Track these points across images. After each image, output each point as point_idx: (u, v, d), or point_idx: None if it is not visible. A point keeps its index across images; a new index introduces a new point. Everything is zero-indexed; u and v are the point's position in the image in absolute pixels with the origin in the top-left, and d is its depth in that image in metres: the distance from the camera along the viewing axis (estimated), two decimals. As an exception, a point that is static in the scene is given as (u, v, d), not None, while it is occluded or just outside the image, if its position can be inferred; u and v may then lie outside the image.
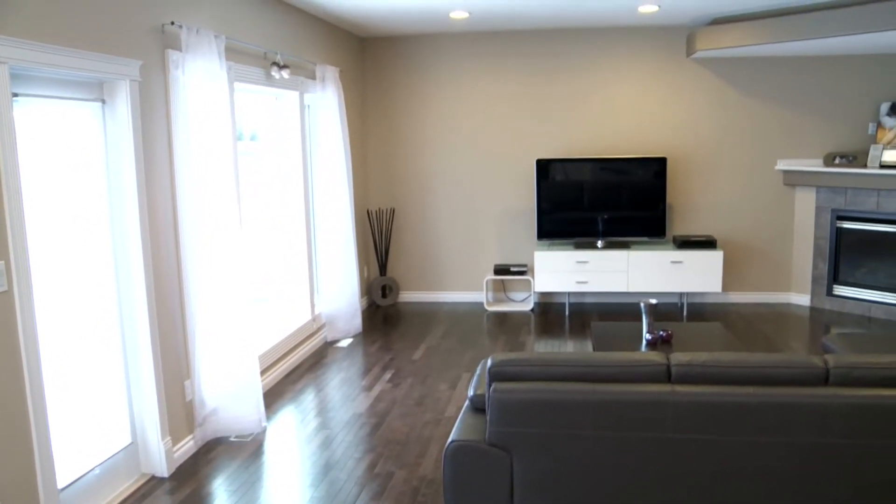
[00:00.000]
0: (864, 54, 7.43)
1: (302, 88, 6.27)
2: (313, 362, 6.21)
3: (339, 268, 6.80)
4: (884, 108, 7.38)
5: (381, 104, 8.04)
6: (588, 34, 7.70)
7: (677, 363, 2.98)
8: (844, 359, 2.97)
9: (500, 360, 3.05)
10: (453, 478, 3.05)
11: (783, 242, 7.88)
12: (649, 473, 2.94)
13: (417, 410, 5.10)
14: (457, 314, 7.72)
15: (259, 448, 4.52)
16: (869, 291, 7.39)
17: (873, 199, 7.20)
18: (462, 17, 6.85)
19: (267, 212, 6.24)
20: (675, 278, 7.43)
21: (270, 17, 5.67)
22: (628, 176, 7.57)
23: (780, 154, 7.75)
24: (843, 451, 2.85)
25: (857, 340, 4.80)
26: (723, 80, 7.67)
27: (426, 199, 8.14)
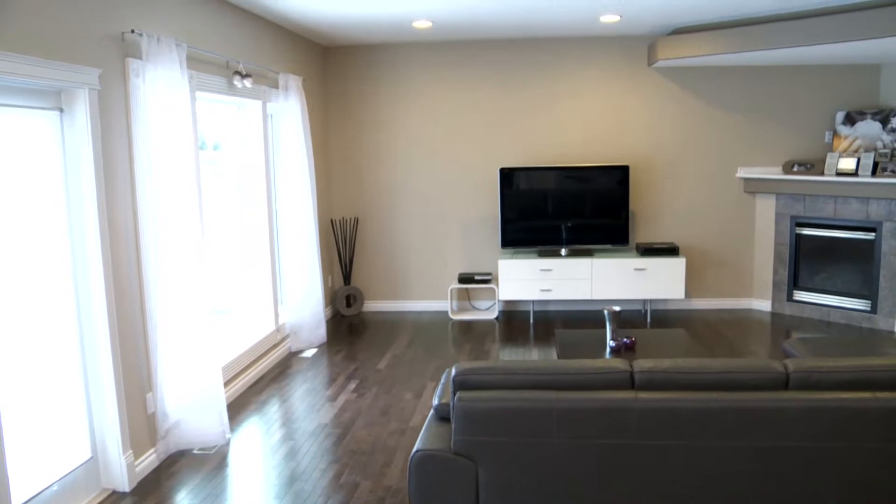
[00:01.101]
0: (820, 64, 7.57)
1: (265, 97, 6.24)
2: (277, 373, 6.16)
3: (303, 277, 6.77)
4: (839, 117, 7.52)
5: (345, 113, 8.03)
6: (551, 44, 7.76)
7: (640, 370, 3.01)
8: (804, 363, 3.01)
9: (465, 368, 3.05)
10: (419, 487, 3.04)
11: (744, 249, 7.99)
12: (614, 480, 2.96)
13: (382, 420, 5.08)
14: (421, 323, 7.71)
15: (223, 460, 4.47)
16: (827, 296, 7.51)
17: (830, 206, 7.33)
18: (425, 27, 6.87)
19: (230, 221, 6.19)
20: (638, 285, 7.49)
21: (233, 25, 5.63)
22: (591, 184, 7.62)
23: (740, 162, 7.85)
24: (804, 454, 2.89)
25: (816, 344, 4.87)
26: (684, 89, 7.76)
27: (390, 208, 8.13)
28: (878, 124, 7.27)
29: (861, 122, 7.38)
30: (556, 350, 5.04)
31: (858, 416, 2.87)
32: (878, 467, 2.89)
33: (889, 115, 7.20)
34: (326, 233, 8.01)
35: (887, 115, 7.22)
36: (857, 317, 7.30)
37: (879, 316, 7.13)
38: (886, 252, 7.03)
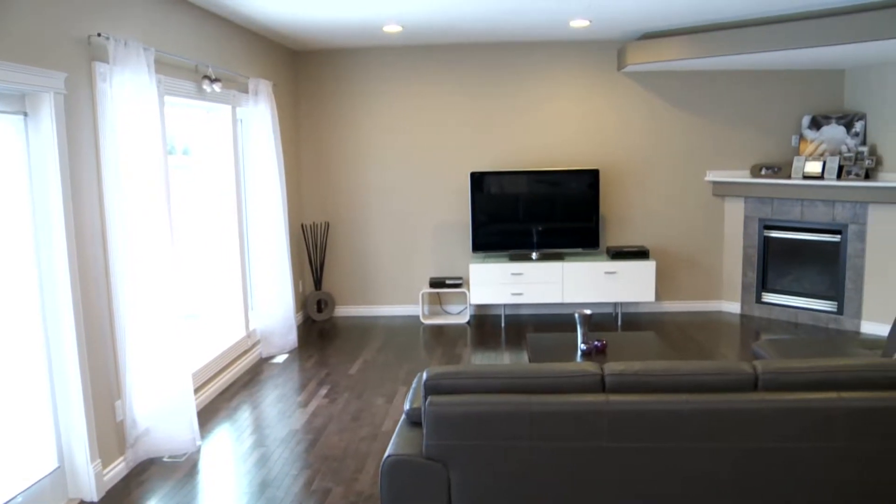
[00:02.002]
0: (787, 69, 7.67)
1: (234, 102, 6.20)
2: (248, 379, 6.12)
3: (274, 283, 6.73)
4: (805, 122, 7.62)
5: (315, 118, 8.00)
6: (521, 48, 7.79)
7: (611, 373, 3.02)
8: (772, 364, 3.05)
9: (436, 373, 3.05)
10: (391, 492, 3.03)
11: (713, 252, 8.06)
12: (586, 482, 2.97)
13: (354, 425, 5.07)
14: (393, 328, 7.70)
15: (193, 468, 4.43)
16: (795, 298, 7.61)
17: (797, 209, 7.42)
18: (395, 31, 6.87)
19: (200, 226, 6.15)
20: (609, 289, 7.53)
21: (202, 29, 5.60)
22: (562, 188, 7.66)
23: (709, 165, 7.93)
24: (773, 454, 2.92)
25: (784, 346, 4.92)
26: (653, 94, 7.83)
27: (361, 213, 8.11)
28: (843, 128, 7.37)
29: (826, 126, 7.48)
30: (528, 354, 5.05)
31: (825, 416, 2.90)
32: (844, 466, 2.93)
33: (853, 120, 7.31)
34: (297, 238, 7.97)
35: (851, 120, 7.32)
36: (824, 318, 7.39)
37: (845, 317, 7.23)
38: (851, 254, 7.13)
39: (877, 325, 7.04)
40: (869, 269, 7.05)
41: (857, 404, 2.90)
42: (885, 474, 2.94)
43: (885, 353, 4.52)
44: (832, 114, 7.49)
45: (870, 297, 7.07)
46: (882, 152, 7.04)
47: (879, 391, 2.96)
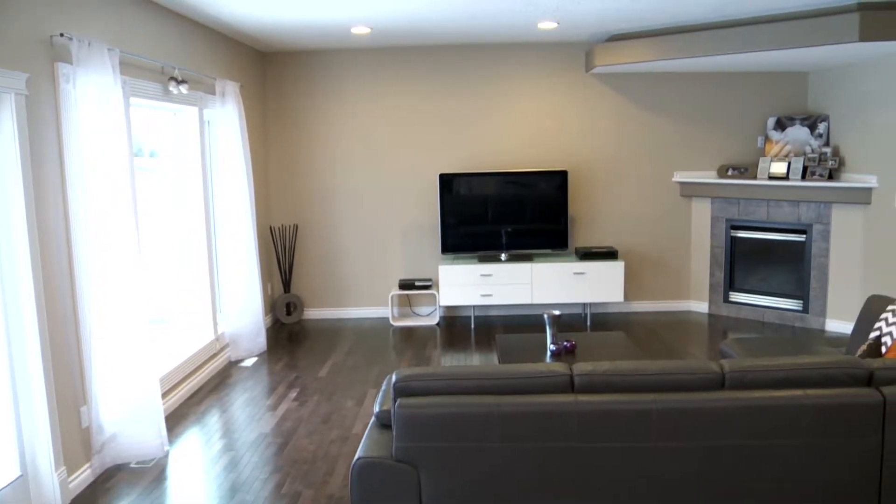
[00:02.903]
0: (752, 71, 7.76)
1: (201, 104, 6.15)
2: (217, 383, 6.07)
3: (242, 286, 6.68)
4: (770, 123, 7.71)
5: (283, 120, 7.96)
6: (490, 50, 7.81)
7: (580, 373, 3.03)
8: (739, 363, 3.08)
9: (405, 375, 3.04)
10: (361, 495, 3.02)
11: (681, 252, 8.13)
12: (556, 482, 2.98)
13: (324, 428, 5.05)
14: (362, 330, 7.68)
15: (161, 473, 4.39)
16: (762, 297, 7.70)
17: (763, 209, 7.51)
18: (364, 33, 6.85)
19: (167, 229, 6.09)
20: (578, 289, 7.56)
21: (168, 30, 5.55)
22: (531, 189, 7.68)
23: (676, 166, 8.00)
24: (742, 452, 2.95)
25: (751, 345, 4.97)
26: (621, 95, 7.88)
27: (330, 215, 8.08)
28: (807, 129, 7.47)
29: (791, 127, 7.58)
30: (497, 355, 5.06)
31: (791, 414, 2.94)
32: (810, 462, 2.96)
33: (816, 121, 7.42)
34: (265, 240, 7.93)
35: (815, 121, 7.43)
36: (790, 316, 7.48)
37: (811, 315, 7.33)
38: (816, 254, 7.23)
39: (841, 324, 7.14)
40: (833, 269, 7.15)
41: (822, 401, 2.94)
42: (850, 470, 2.98)
43: (848, 350, 4.59)
44: (796, 115, 7.59)
45: (834, 296, 7.18)
46: (845, 153, 7.14)
47: (843, 388, 3.00)
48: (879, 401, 2.94)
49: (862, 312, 4.55)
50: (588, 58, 7.63)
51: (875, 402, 2.94)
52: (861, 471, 2.98)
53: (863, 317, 4.52)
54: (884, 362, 3.09)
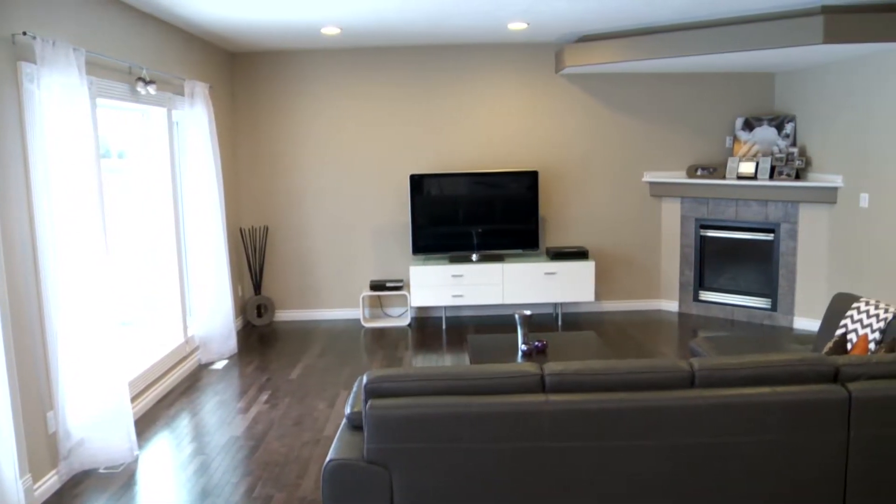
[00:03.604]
0: (720, 72, 7.83)
1: (170, 105, 6.10)
2: (187, 386, 6.02)
3: (212, 288, 6.64)
4: (738, 123, 7.79)
5: (254, 120, 7.91)
6: (460, 50, 7.81)
7: (550, 373, 3.04)
8: (708, 361, 3.10)
9: (376, 376, 3.04)
10: (333, 497, 3.01)
11: (651, 251, 8.19)
12: (528, 482, 2.98)
13: (295, 431, 5.02)
14: (334, 331, 7.65)
15: (131, 478, 4.34)
16: (731, 296, 7.77)
17: (732, 209, 7.58)
18: (334, 33, 6.83)
19: (136, 231, 6.03)
20: (549, 289, 7.59)
21: (135, 30, 5.49)
22: (501, 190, 7.70)
23: (646, 166, 8.05)
24: (711, 449, 2.98)
25: (721, 343, 5.02)
26: (591, 96, 7.92)
27: (300, 217, 8.05)
28: (774, 130, 7.56)
29: (758, 127, 7.66)
30: (469, 355, 5.07)
31: (759, 411, 2.97)
32: (778, 458, 3.00)
33: (783, 122, 7.50)
34: (236, 242, 7.87)
35: (782, 122, 7.51)
36: (759, 315, 7.56)
37: (779, 313, 7.41)
38: (784, 252, 7.31)
39: (809, 321, 7.22)
40: (800, 267, 7.24)
41: (790, 398, 2.97)
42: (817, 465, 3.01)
43: (815, 347, 4.64)
44: (764, 116, 7.68)
45: (801, 294, 7.26)
46: (811, 153, 7.23)
47: (810, 385, 3.03)
48: (845, 397, 2.98)
49: (828, 310, 4.60)
50: (558, 58, 7.66)
51: (841, 398, 2.98)
52: (827, 466, 3.02)
53: (829, 315, 4.58)
54: (849, 359, 3.13)
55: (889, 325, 4.02)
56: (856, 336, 4.18)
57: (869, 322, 4.14)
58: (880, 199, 6.17)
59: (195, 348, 6.60)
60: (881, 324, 4.06)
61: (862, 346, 4.01)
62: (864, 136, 6.36)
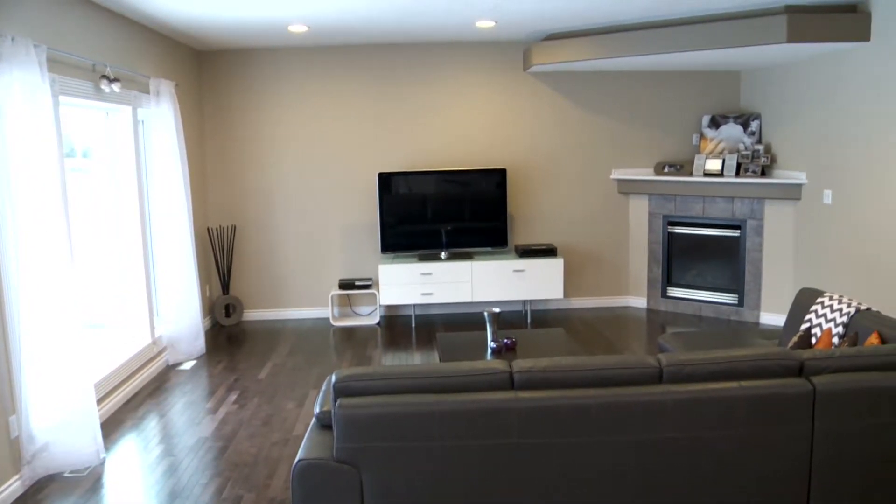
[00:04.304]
0: (687, 70, 7.90)
1: (135, 103, 6.03)
2: (155, 387, 5.96)
3: (180, 288, 6.58)
4: (705, 121, 7.86)
5: (221, 119, 7.85)
6: (429, 48, 7.81)
7: (519, 370, 3.05)
8: (676, 357, 3.13)
9: (345, 375, 3.03)
10: (302, 497, 3.00)
11: (620, 248, 8.24)
12: (498, 479, 2.99)
13: (265, 431, 4.99)
14: (303, 331, 7.62)
15: (97, 482, 4.29)
16: (699, 292, 7.84)
17: (699, 206, 7.65)
18: (301, 31, 6.79)
19: (102, 231, 5.96)
20: (518, 287, 7.61)
21: (99, 27, 5.42)
22: (470, 188, 7.71)
23: (614, 164, 8.10)
24: (679, 444, 3.00)
25: (689, 338, 5.07)
26: (559, 94, 7.95)
27: (268, 216, 8.00)
28: (740, 127, 7.64)
29: (725, 125, 7.74)
30: (438, 353, 5.07)
31: (726, 405, 3.00)
32: (745, 451, 3.03)
33: (749, 119, 7.58)
34: (203, 241, 7.81)
35: (747, 119, 7.59)
36: (726, 310, 7.64)
37: (745, 309, 7.50)
38: (750, 248, 7.39)
39: (774, 316, 7.31)
40: (766, 263, 7.32)
41: (756, 392, 3.01)
42: (782, 457, 3.05)
43: (780, 342, 4.70)
44: (730, 113, 7.76)
45: (767, 290, 7.35)
46: (776, 150, 7.32)
47: (776, 379, 3.07)
48: (809, 390, 3.02)
49: (793, 305, 4.66)
50: (526, 56, 7.69)
51: (805, 391, 3.02)
52: (793, 458, 3.06)
53: (794, 309, 4.64)
54: (813, 353, 3.17)
55: (852, 319, 4.08)
56: (820, 330, 4.24)
57: (833, 316, 4.20)
58: (843, 196, 6.26)
59: (163, 349, 6.54)
60: (844, 318, 4.12)
61: (826, 340, 4.06)
62: (827, 134, 6.45)
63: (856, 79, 6.02)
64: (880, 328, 3.80)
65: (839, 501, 3.12)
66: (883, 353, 3.16)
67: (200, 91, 7.80)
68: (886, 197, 5.68)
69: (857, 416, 3.05)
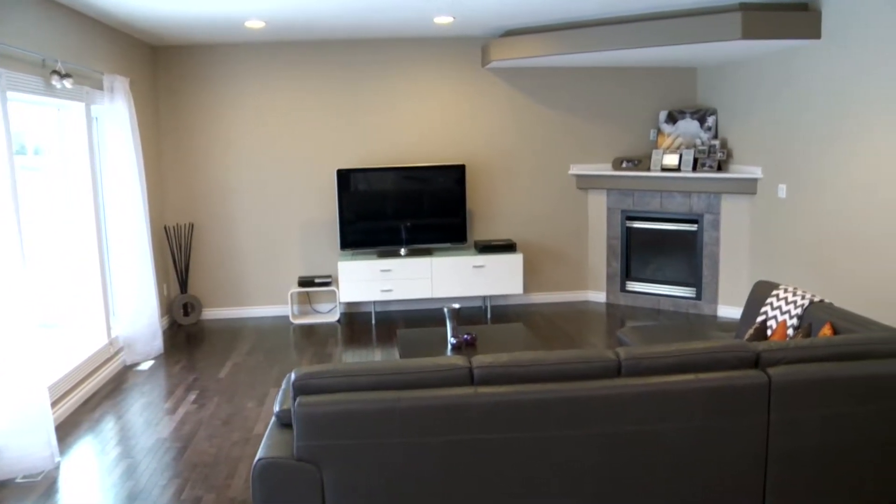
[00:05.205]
0: (644, 66, 7.96)
1: (88, 99, 5.93)
2: (112, 388, 5.88)
3: (136, 287, 6.48)
4: (662, 116, 7.94)
5: (177, 116, 7.75)
6: (387, 45, 7.78)
7: (479, 365, 3.06)
8: (634, 351, 3.15)
9: (304, 373, 3.01)
10: (263, 496, 2.97)
11: (579, 243, 8.29)
12: (459, 475, 2.99)
13: (225, 430, 4.94)
14: (262, 329, 7.56)
15: (52, 486, 4.21)
16: (657, 286, 7.92)
17: (657, 200, 7.72)
18: (258, 27, 6.73)
19: (55, 230, 5.85)
20: (477, 282, 7.62)
21: (49, 21, 5.31)
22: (429, 184, 7.70)
23: (572, 159, 8.14)
24: (638, 436, 3.03)
25: (647, 332, 5.11)
26: (517, 90, 7.97)
27: (226, 213, 7.92)
28: (697, 123, 7.72)
29: (682, 120, 7.82)
30: (398, 350, 5.06)
31: (683, 397, 3.03)
32: (703, 442, 3.06)
33: (705, 115, 7.67)
34: (160, 240, 7.70)
35: (704, 115, 7.68)
36: (685, 304, 7.73)
37: (703, 302, 7.59)
38: (707, 242, 7.48)
39: (732, 309, 7.41)
40: (723, 257, 7.42)
41: (713, 384, 3.04)
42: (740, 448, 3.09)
43: (737, 334, 4.76)
44: (686, 109, 7.84)
45: (725, 283, 7.45)
46: (732, 145, 7.41)
47: (732, 370, 3.11)
48: (765, 381, 3.07)
49: (749, 298, 4.73)
50: (484, 52, 7.70)
51: (761, 382, 3.06)
52: (750, 448, 3.10)
53: (750, 302, 4.70)
54: (769, 345, 3.22)
55: (806, 310, 4.15)
56: (775, 322, 4.30)
57: (787, 308, 4.27)
58: (797, 190, 6.36)
59: (119, 349, 6.45)
60: (798, 310, 4.19)
61: (781, 331, 4.13)
62: (780, 129, 6.55)
63: (807, 75, 6.12)
64: (833, 319, 3.87)
65: (794, 490, 3.17)
66: (835, 344, 3.22)
67: (156, 87, 7.69)
68: (838, 191, 5.79)
69: (810, 406, 3.10)
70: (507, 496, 3.03)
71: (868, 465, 3.19)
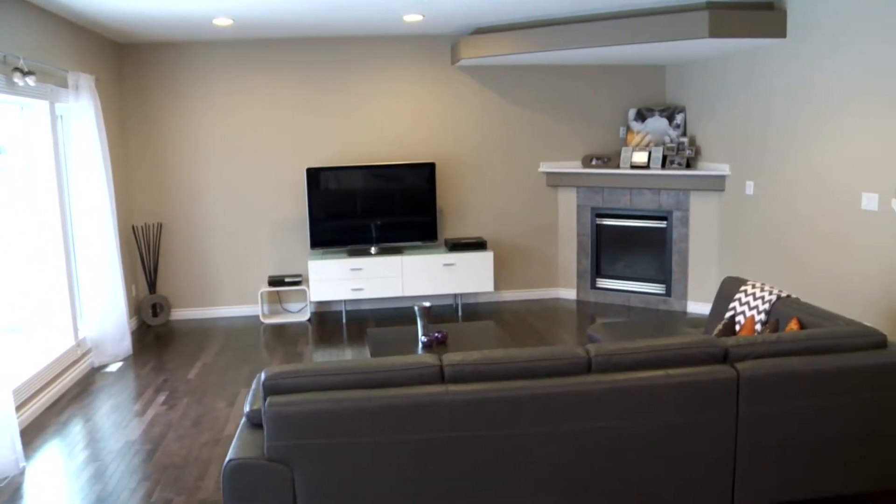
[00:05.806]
0: (613, 64, 8.01)
1: (52, 97, 5.85)
2: (79, 391, 5.80)
3: (104, 288, 6.41)
4: (631, 114, 7.99)
5: (144, 114, 7.66)
6: (357, 43, 7.75)
7: (449, 363, 3.06)
8: (604, 347, 3.17)
9: (274, 373, 2.99)
10: (234, 497, 2.95)
11: (549, 240, 8.32)
12: (431, 473, 2.99)
13: (195, 432, 4.90)
14: (233, 329, 7.51)
15: (16, 492, 4.15)
16: (627, 282, 7.97)
17: (626, 197, 7.77)
18: (226, 24, 6.67)
19: (20, 231, 5.76)
20: (448, 280, 7.62)
21: (12, 18, 5.23)
22: (399, 182, 7.69)
23: (542, 157, 8.17)
24: (608, 432, 3.05)
25: (618, 329, 5.14)
26: (487, 88, 7.98)
27: (195, 212, 7.85)
28: (665, 120, 7.78)
29: (650, 118, 7.87)
30: (369, 348, 5.05)
31: (653, 393, 3.05)
32: (673, 437, 3.09)
33: (674, 113, 7.73)
34: (128, 240, 7.62)
35: (672, 113, 7.74)
36: (654, 300, 7.78)
37: (673, 298, 7.65)
38: (676, 239, 7.54)
39: (701, 305, 7.48)
40: (692, 253, 7.48)
41: (682, 379, 3.07)
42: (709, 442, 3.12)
43: (706, 330, 4.80)
44: (655, 107, 7.89)
45: (694, 279, 7.51)
46: (700, 143, 7.48)
47: (701, 366, 3.14)
48: (733, 376, 3.10)
49: (718, 294, 4.77)
50: (454, 50, 7.69)
51: (730, 377, 3.09)
52: (718, 442, 3.13)
53: (719, 298, 4.74)
54: (737, 340, 3.25)
55: (773, 306, 4.20)
56: (744, 318, 4.35)
57: (755, 304, 4.31)
58: (764, 187, 6.42)
59: (87, 351, 6.37)
60: (766, 305, 4.23)
61: (749, 327, 4.17)
62: (747, 127, 6.62)
63: (773, 74, 6.19)
64: (799, 314, 3.92)
65: (762, 482, 3.20)
66: (801, 339, 3.26)
67: (123, 85, 7.60)
68: (802, 187, 5.86)
69: (778, 399, 3.14)
70: (478, 493, 3.03)
71: (834, 457, 3.24)
